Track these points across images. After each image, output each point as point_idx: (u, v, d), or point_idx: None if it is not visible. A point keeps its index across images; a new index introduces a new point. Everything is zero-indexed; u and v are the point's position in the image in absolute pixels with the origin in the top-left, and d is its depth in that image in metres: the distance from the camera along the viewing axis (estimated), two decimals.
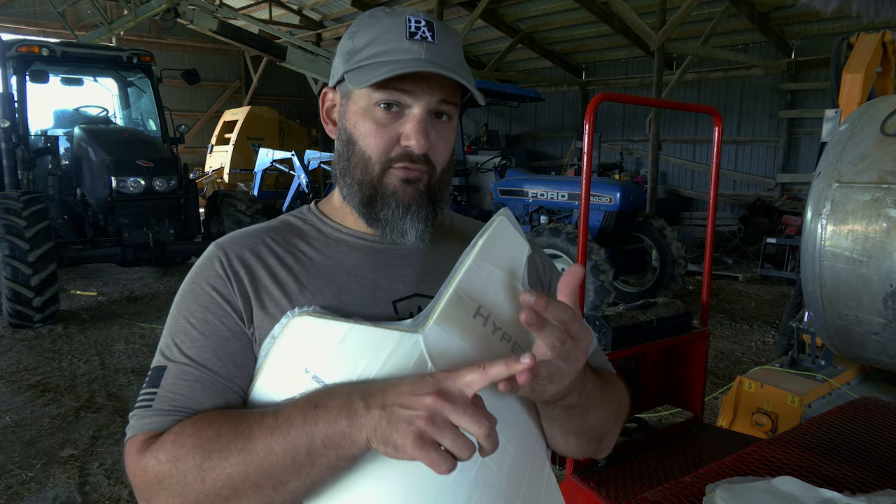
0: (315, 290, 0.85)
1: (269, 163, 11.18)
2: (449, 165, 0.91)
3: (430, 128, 0.85)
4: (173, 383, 0.80)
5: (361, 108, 0.86)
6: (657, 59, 8.17)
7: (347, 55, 0.87)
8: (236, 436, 0.72)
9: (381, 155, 0.85)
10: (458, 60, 0.86)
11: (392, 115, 0.84)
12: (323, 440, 0.68)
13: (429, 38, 0.83)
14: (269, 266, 0.87)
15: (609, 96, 2.32)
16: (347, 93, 0.88)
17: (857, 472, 1.31)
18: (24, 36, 10.32)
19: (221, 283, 0.85)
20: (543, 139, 14.23)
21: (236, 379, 0.81)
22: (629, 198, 6.23)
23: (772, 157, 10.63)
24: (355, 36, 0.87)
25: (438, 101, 0.85)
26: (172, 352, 0.82)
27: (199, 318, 0.83)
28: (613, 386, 0.95)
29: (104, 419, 3.76)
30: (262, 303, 0.83)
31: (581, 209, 2.25)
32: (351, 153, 0.88)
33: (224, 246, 0.89)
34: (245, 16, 12.22)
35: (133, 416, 0.80)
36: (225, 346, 0.82)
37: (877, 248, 2.19)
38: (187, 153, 13.48)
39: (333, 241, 0.92)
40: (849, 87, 3.25)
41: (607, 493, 1.94)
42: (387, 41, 0.83)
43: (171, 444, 0.74)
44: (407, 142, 0.84)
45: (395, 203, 0.86)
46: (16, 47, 6.45)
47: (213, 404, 0.79)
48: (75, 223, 6.93)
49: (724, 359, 4.91)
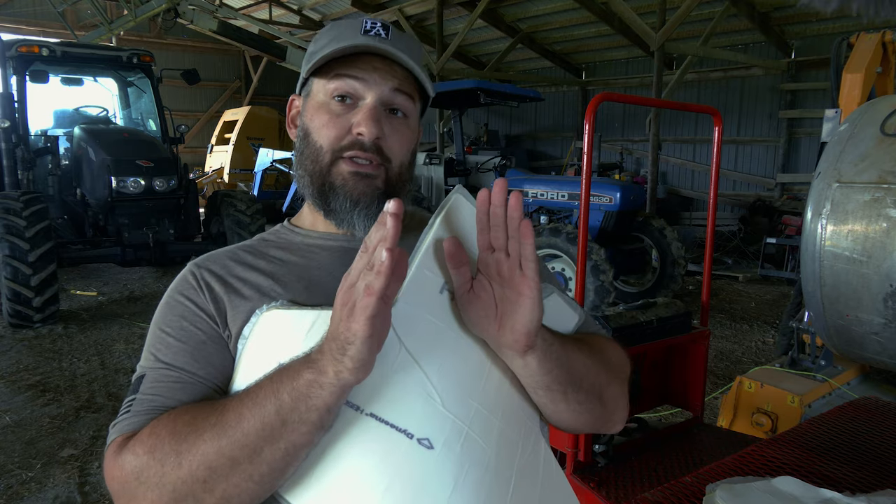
0: (286, 285, 0.87)
1: (269, 163, 11.18)
2: (409, 163, 0.92)
3: (383, 119, 0.87)
4: (151, 387, 0.80)
5: (318, 103, 0.89)
6: (657, 59, 8.17)
7: (308, 58, 0.91)
8: (210, 413, 0.72)
9: (332, 143, 0.87)
10: (412, 55, 0.88)
11: (346, 106, 0.87)
12: (290, 394, 0.69)
13: (382, 34, 0.87)
14: (239, 274, 0.89)
15: (609, 96, 2.32)
16: (308, 92, 0.92)
17: (857, 472, 1.31)
18: (24, 36, 10.32)
19: (194, 292, 0.87)
20: (543, 139, 14.23)
21: (216, 380, 0.82)
22: (629, 198, 6.23)
23: (772, 157, 10.63)
24: (316, 41, 0.91)
25: (391, 89, 0.87)
26: (149, 360, 0.83)
27: (173, 327, 0.84)
28: (602, 342, 0.93)
29: (104, 419, 3.76)
30: (234, 304, 0.85)
31: (581, 209, 2.25)
32: (305, 145, 0.90)
33: (198, 262, 0.92)
34: (245, 16, 12.23)
35: (112, 425, 0.80)
36: (202, 349, 0.83)
37: (877, 248, 2.19)
38: (187, 153, 13.48)
39: (305, 246, 0.95)
40: (849, 87, 3.24)
41: (607, 493, 1.94)
42: (342, 38, 0.87)
43: (148, 435, 0.73)
44: (358, 129, 0.86)
45: (343, 195, 0.88)
46: (16, 47, 6.44)
47: (192, 400, 0.79)
48: (75, 223, 6.92)
49: (724, 359, 4.91)
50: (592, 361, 0.86)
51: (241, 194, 7.50)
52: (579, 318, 0.95)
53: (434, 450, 0.72)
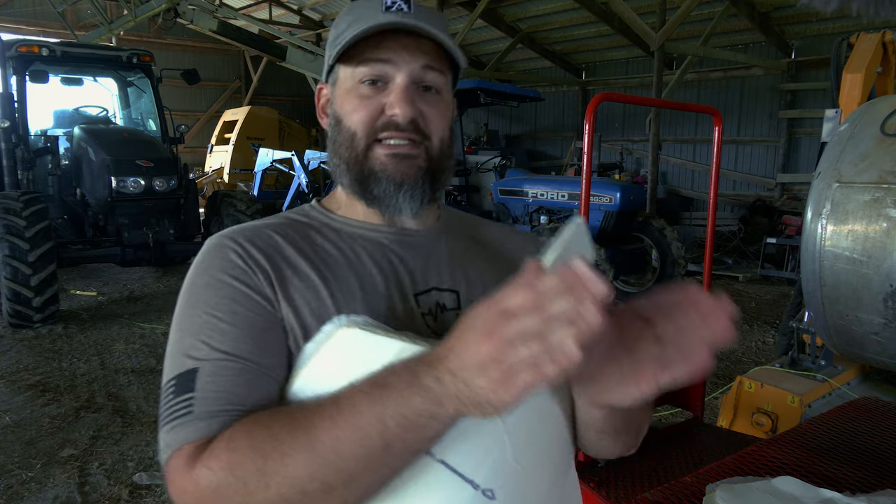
0: (339, 281, 0.81)
1: (269, 163, 11.17)
2: (449, 139, 0.88)
3: (416, 97, 0.83)
4: (212, 381, 0.71)
5: (347, 89, 0.85)
6: (657, 59, 8.18)
7: (331, 44, 0.87)
8: (296, 431, 0.64)
9: (366, 127, 0.83)
10: (437, 27, 0.83)
11: (376, 89, 0.83)
12: (398, 422, 0.61)
13: (404, 8, 0.83)
14: (288, 257, 0.82)
15: (609, 96, 2.32)
16: (335, 80, 0.88)
17: (857, 472, 1.31)
18: (24, 36, 10.32)
19: (243, 273, 0.78)
20: (543, 139, 14.23)
21: (279, 369, 0.75)
22: (629, 198, 6.23)
23: (772, 157, 10.63)
24: (337, 25, 0.87)
25: (422, 66, 0.83)
26: (201, 351, 0.73)
27: (225, 311, 0.75)
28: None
29: (104, 419, 3.76)
30: (288, 294, 0.78)
31: (581, 209, 2.25)
32: (338, 133, 0.87)
33: (234, 237, 0.82)
34: (245, 16, 12.23)
35: (170, 428, 0.70)
36: (263, 336, 0.75)
37: (877, 248, 2.19)
38: (187, 153, 13.47)
39: (346, 235, 0.88)
40: (849, 87, 3.24)
41: (607, 493, 1.94)
42: (364, 19, 0.82)
43: (224, 449, 0.66)
44: (391, 110, 0.82)
45: (385, 179, 0.84)
46: (16, 47, 6.45)
47: (259, 397, 0.72)
48: (75, 223, 6.92)
49: (724, 359, 4.91)
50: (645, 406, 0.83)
51: (241, 194, 7.51)
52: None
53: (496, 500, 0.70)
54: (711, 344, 0.63)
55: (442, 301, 0.86)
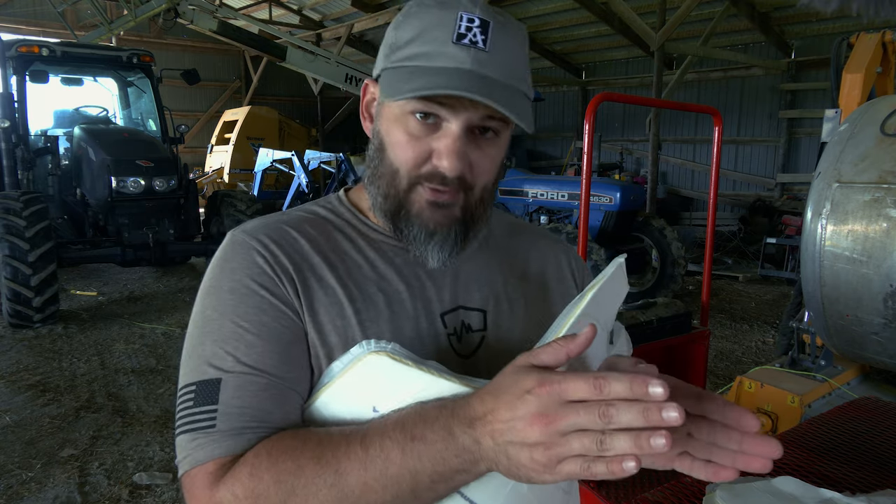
0: (366, 300, 0.78)
1: (269, 163, 11.18)
2: (493, 185, 0.81)
3: (469, 146, 0.75)
4: (237, 396, 0.69)
5: (395, 115, 0.77)
6: (657, 59, 8.17)
7: (389, 49, 0.78)
8: (322, 469, 0.64)
9: (411, 170, 0.77)
10: (513, 72, 0.75)
11: (427, 126, 0.75)
12: (431, 476, 0.61)
13: (479, 42, 0.72)
14: (314, 266, 0.78)
15: (609, 96, 2.32)
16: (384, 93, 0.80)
17: (857, 472, 1.31)
18: (24, 36, 10.32)
19: (270, 281, 0.75)
20: (543, 139, 14.23)
21: (302, 383, 0.74)
22: (629, 198, 6.23)
23: (772, 157, 10.63)
24: (400, 27, 0.77)
25: (481, 116, 0.74)
26: (226, 361, 0.71)
27: (252, 321, 0.73)
28: None
29: (104, 419, 3.76)
30: (312, 308, 0.76)
31: (581, 209, 2.25)
32: (380, 161, 0.80)
33: (257, 237, 0.78)
34: (245, 16, 12.22)
35: (192, 441, 0.69)
36: (289, 350, 0.73)
37: (877, 248, 2.19)
38: (187, 153, 13.48)
39: (374, 243, 0.84)
40: (849, 87, 3.24)
41: (607, 493, 1.94)
42: (430, 41, 0.73)
43: (248, 476, 0.65)
44: (439, 161, 0.75)
45: (418, 226, 0.78)
46: (16, 47, 6.45)
47: (284, 413, 0.71)
48: (75, 223, 6.93)
49: (724, 359, 4.91)
50: None
51: (241, 194, 7.51)
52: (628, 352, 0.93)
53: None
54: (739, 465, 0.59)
55: (468, 321, 0.84)
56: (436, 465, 0.61)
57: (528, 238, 0.98)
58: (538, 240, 0.98)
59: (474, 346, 0.83)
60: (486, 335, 0.84)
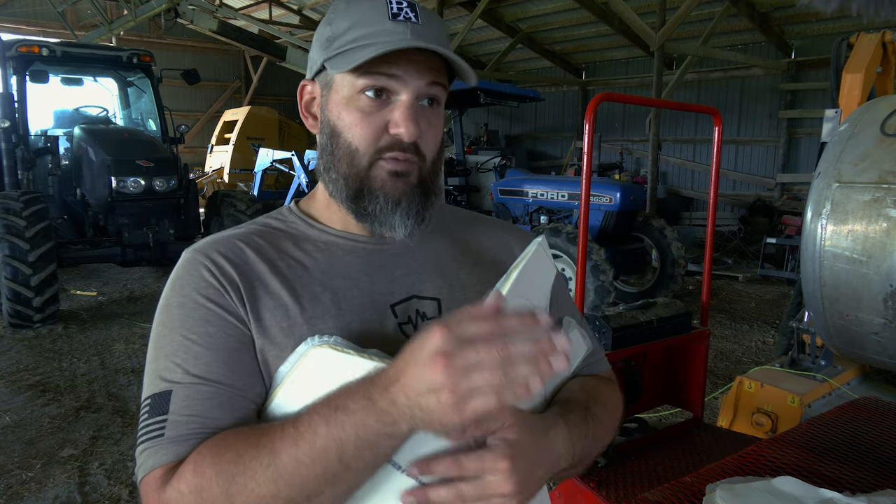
0: (312, 299, 0.81)
1: (269, 163, 11.18)
2: (439, 155, 0.87)
3: (419, 115, 0.81)
4: (185, 405, 0.72)
5: (345, 98, 0.81)
6: (657, 59, 8.17)
7: (326, 42, 0.82)
8: (258, 452, 0.67)
9: (369, 145, 0.81)
10: (444, 41, 0.82)
11: (379, 102, 0.80)
12: (355, 443, 0.64)
13: (412, 17, 0.79)
14: (260, 274, 0.81)
15: (609, 96, 2.32)
16: (328, 83, 0.84)
17: (857, 472, 1.31)
18: (24, 36, 10.32)
19: (216, 292, 0.78)
20: (543, 139, 14.23)
21: (254, 389, 0.76)
22: (629, 198, 6.23)
23: (772, 157, 10.63)
24: (333, 22, 0.82)
25: (428, 83, 0.81)
26: (175, 373, 0.74)
27: (199, 333, 0.76)
28: (606, 404, 0.90)
29: (104, 419, 3.76)
30: (258, 314, 0.78)
31: (581, 209, 2.25)
32: (335, 146, 0.83)
33: (206, 252, 0.82)
34: (245, 16, 12.24)
35: (143, 450, 0.72)
36: (236, 358, 0.76)
37: (877, 248, 2.19)
38: (187, 153, 13.48)
39: (323, 245, 0.87)
40: (849, 87, 3.25)
41: (607, 493, 1.94)
42: (368, 23, 0.79)
43: (192, 473, 0.68)
44: (396, 129, 0.80)
45: (383, 198, 0.82)
46: (16, 47, 6.45)
47: (234, 419, 0.73)
48: (75, 223, 6.93)
49: (724, 359, 4.91)
50: (604, 441, 0.87)
51: (241, 194, 7.50)
52: (587, 349, 0.94)
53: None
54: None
55: (422, 310, 0.86)
56: (358, 431, 0.64)
57: (479, 226, 1.01)
58: (489, 227, 1.02)
59: None
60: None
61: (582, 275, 2.30)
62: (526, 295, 0.78)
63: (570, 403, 0.84)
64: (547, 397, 0.85)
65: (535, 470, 0.72)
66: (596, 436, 0.85)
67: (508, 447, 0.68)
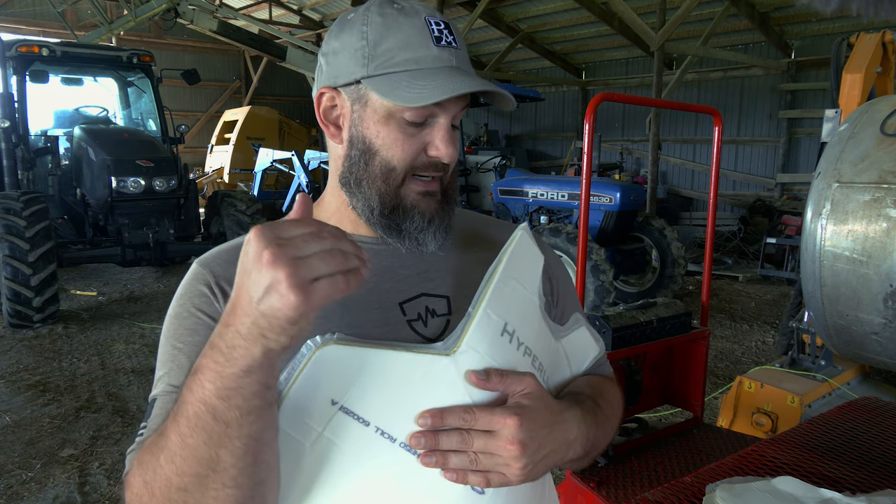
0: None
1: (269, 163, 11.18)
2: (456, 166, 0.91)
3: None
4: (159, 414, 0.76)
5: (383, 117, 0.81)
6: (657, 59, 8.18)
7: (363, 58, 0.80)
8: (157, 439, 0.68)
9: (407, 164, 0.83)
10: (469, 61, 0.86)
11: (419, 126, 0.82)
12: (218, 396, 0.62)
13: (452, 42, 0.82)
14: None
15: (609, 96, 2.32)
16: (362, 98, 0.82)
17: (857, 472, 1.31)
18: (24, 36, 10.32)
19: (206, 301, 0.80)
20: (543, 139, 14.24)
21: None
22: (629, 198, 6.23)
23: (772, 157, 10.63)
24: (368, 36, 0.80)
25: (461, 108, 0.84)
26: (161, 382, 0.79)
27: (186, 342, 0.79)
28: (610, 401, 0.92)
29: (104, 419, 3.76)
30: None
31: (581, 209, 2.25)
32: (370, 163, 0.83)
33: (208, 264, 0.84)
34: (245, 16, 12.23)
35: (128, 453, 0.77)
36: None
37: (877, 248, 2.19)
38: (187, 153, 13.49)
39: None
40: (849, 87, 3.25)
41: (607, 493, 1.94)
42: (414, 47, 0.80)
43: (131, 474, 0.71)
44: (436, 152, 0.82)
45: (418, 216, 0.84)
46: (16, 47, 6.45)
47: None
48: (75, 223, 6.93)
49: (724, 359, 4.91)
50: (608, 436, 0.89)
51: (241, 194, 7.51)
52: (599, 351, 0.96)
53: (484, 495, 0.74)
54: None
55: (431, 306, 0.87)
56: (216, 383, 0.62)
57: (484, 225, 1.03)
58: (496, 226, 1.04)
59: (441, 329, 0.86)
60: (450, 319, 0.87)
61: (582, 275, 2.30)
62: (517, 279, 0.80)
63: (581, 395, 0.87)
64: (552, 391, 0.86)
65: (545, 442, 0.73)
66: (604, 428, 0.87)
67: (521, 408, 0.72)
